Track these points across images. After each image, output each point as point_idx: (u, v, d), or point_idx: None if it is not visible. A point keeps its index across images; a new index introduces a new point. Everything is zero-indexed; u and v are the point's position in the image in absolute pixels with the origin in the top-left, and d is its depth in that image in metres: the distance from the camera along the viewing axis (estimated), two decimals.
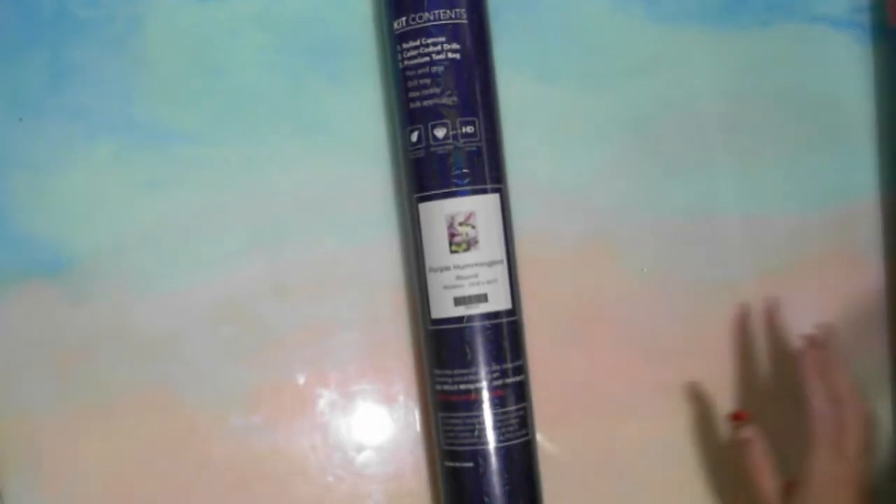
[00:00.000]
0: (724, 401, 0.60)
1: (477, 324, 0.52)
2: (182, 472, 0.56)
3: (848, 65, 0.63)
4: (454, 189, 0.52)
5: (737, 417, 0.58)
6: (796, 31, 0.63)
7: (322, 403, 0.58)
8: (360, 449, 0.58)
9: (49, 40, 0.57)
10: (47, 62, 0.57)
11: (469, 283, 0.52)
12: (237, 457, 0.57)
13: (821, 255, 0.62)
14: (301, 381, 0.57)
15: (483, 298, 0.52)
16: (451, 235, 0.52)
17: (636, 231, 0.60)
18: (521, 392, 0.53)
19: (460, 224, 0.52)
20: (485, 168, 0.53)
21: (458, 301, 0.52)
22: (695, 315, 0.60)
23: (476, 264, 0.52)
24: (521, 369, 0.54)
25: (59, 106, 0.57)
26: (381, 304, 0.58)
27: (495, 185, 0.54)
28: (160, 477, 0.56)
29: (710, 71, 0.62)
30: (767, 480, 0.51)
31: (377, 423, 0.58)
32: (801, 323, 0.61)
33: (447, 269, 0.52)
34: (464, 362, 0.52)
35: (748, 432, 0.53)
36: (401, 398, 0.58)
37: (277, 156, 0.58)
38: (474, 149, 0.53)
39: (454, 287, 0.52)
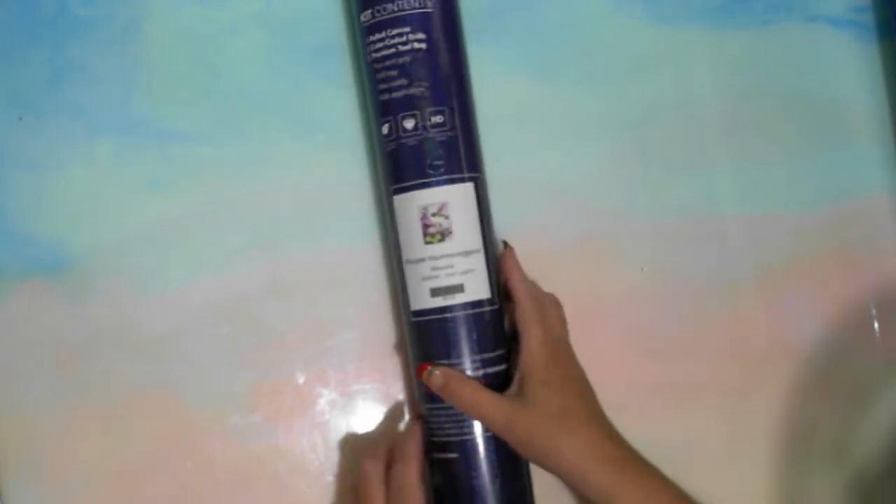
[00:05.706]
0: (724, 400, 0.60)
1: (459, 314, 0.52)
2: (182, 471, 0.56)
3: (847, 64, 0.63)
4: (426, 180, 0.52)
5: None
6: (796, 30, 0.63)
7: (322, 403, 0.58)
8: None
9: (49, 39, 0.57)
10: (47, 61, 0.57)
11: (445, 273, 0.52)
12: (237, 456, 0.57)
13: (821, 254, 0.62)
14: (301, 380, 0.57)
15: (460, 289, 0.52)
16: (425, 227, 0.52)
17: (636, 231, 0.60)
18: (505, 381, 0.53)
19: (433, 215, 0.52)
20: (458, 157, 0.53)
21: (435, 292, 0.52)
22: (695, 315, 0.60)
23: (451, 255, 0.52)
24: (503, 358, 0.54)
25: (59, 105, 0.57)
26: (381, 303, 0.58)
27: (471, 174, 0.53)
28: (160, 476, 0.56)
29: (710, 71, 0.61)
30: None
31: (377, 423, 0.58)
32: (800, 323, 0.62)
33: (422, 260, 0.52)
34: (446, 353, 0.52)
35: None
36: (401, 398, 0.58)
37: (277, 156, 0.58)
38: (445, 138, 0.53)
39: (430, 278, 0.52)
